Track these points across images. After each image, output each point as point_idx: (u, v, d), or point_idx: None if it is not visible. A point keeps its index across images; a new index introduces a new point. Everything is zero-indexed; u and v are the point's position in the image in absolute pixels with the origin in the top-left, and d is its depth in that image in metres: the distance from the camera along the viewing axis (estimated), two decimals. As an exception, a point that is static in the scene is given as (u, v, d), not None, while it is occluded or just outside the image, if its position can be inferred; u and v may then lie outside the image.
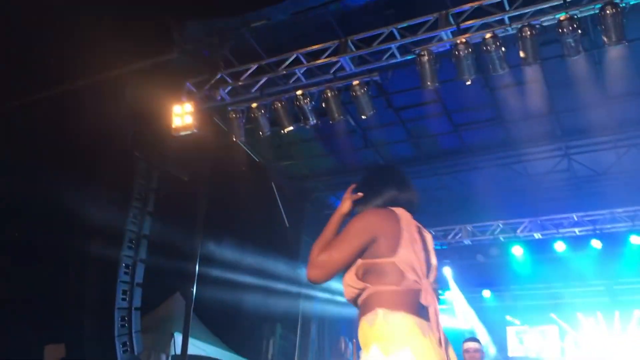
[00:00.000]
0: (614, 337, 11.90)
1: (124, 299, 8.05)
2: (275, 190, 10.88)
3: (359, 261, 2.38)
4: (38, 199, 9.09)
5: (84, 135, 8.96)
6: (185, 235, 9.58)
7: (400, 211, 2.50)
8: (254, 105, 8.00)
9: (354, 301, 2.44)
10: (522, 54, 6.68)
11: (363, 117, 7.70)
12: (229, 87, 8.25)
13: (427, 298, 2.32)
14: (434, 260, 2.48)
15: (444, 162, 10.84)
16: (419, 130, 10.22)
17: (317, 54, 7.77)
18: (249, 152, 9.84)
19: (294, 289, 10.84)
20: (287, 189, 11.34)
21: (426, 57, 6.97)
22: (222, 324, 11.28)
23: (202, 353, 10.37)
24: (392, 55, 7.38)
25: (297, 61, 7.86)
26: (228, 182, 9.98)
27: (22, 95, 9.17)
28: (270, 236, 10.77)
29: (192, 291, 9.51)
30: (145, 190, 8.45)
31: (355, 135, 10.15)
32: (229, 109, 8.22)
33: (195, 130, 8.13)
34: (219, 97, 8.31)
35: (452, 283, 12.57)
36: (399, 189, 2.60)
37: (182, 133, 8.19)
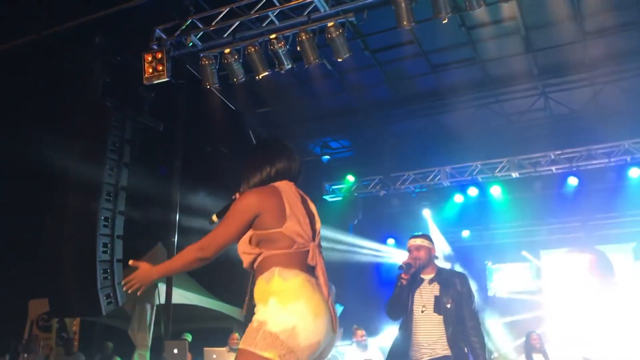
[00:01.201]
0: (589, 272, 12.20)
1: (105, 252, 8.00)
2: (252, 137, 10.78)
3: (251, 231, 2.63)
4: (10, 151, 8.92)
5: (54, 86, 8.74)
6: (164, 185, 9.51)
7: (281, 184, 2.71)
8: (227, 50, 7.80)
9: (250, 266, 2.68)
10: (498, -10, 6.57)
11: (339, 60, 7.55)
12: (201, 33, 8.02)
13: (314, 258, 2.64)
14: (317, 225, 2.75)
15: (422, 104, 10.77)
16: (396, 73, 10.10)
17: (290, -5, 7.56)
18: (224, 100, 9.67)
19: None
20: (265, 136, 11.25)
21: (402, -5, 6.81)
22: (205, 272, 11.34)
23: (187, 302, 10.46)
24: (368, -6, 7.20)
25: (269, 3, 7.62)
26: (204, 130, 9.85)
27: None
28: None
29: (174, 242, 9.51)
30: (120, 141, 8.30)
31: (332, 80, 10.02)
32: (201, 55, 8.02)
33: (167, 79, 7.93)
34: (191, 44, 8.10)
35: (431, 224, 12.69)
36: (276, 163, 2.77)
37: (155, 81, 7.97)
